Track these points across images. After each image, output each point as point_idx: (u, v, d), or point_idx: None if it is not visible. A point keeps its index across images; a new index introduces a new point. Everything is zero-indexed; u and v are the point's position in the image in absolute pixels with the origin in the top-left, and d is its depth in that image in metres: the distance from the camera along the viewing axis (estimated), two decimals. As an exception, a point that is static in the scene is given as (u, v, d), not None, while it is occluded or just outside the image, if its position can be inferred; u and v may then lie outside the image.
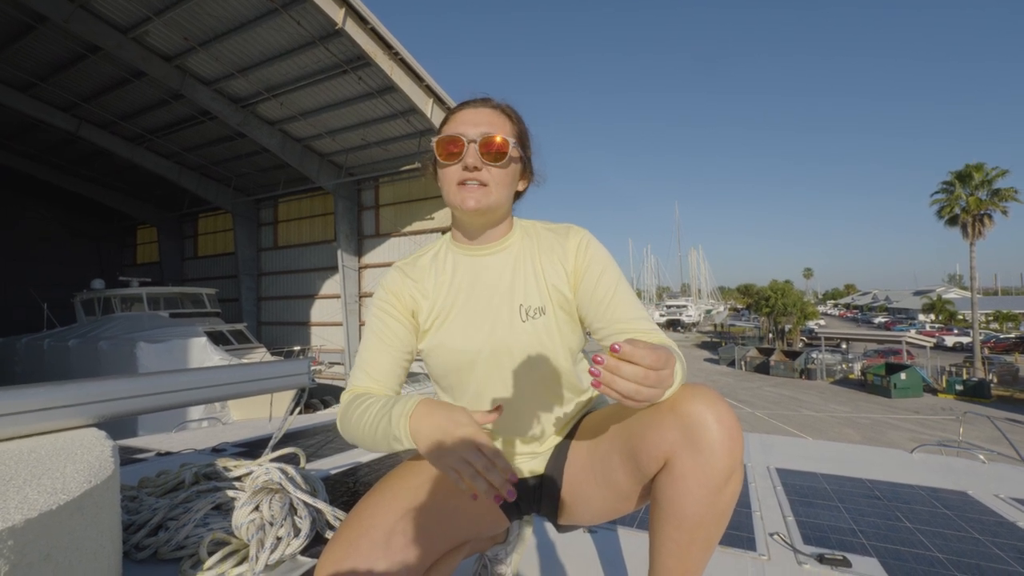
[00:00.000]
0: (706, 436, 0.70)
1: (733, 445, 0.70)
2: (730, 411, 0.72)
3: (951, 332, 41.00)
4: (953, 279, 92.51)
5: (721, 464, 0.70)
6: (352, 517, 0.81)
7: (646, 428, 0.77)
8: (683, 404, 0.72)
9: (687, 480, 0.72)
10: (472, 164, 0.86)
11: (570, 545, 1.46)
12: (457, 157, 0.87)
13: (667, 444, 0.73)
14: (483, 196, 0.87)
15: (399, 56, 11.35)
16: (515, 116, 0.94)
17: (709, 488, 0.71)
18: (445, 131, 0.90)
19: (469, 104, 0.92)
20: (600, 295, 0.90)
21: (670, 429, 0.72)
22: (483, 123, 0.88)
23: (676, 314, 64.44)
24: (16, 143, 18.14)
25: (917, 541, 1.54)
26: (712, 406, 0.71)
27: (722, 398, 0.74)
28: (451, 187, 0.88)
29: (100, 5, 10.84)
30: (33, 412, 1.14)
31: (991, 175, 23.41)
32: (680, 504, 0.74)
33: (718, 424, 0.70)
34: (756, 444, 2.82)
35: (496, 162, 0.87)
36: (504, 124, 0.90)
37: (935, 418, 16.16)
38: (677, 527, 0.75)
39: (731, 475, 0.71)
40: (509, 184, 0.91)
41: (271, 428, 3.15)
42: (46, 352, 13.78)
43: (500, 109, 0.92)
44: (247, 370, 1.71)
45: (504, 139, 0.86)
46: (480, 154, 0.86)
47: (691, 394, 0.73)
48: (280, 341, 19.18)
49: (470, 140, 0.86)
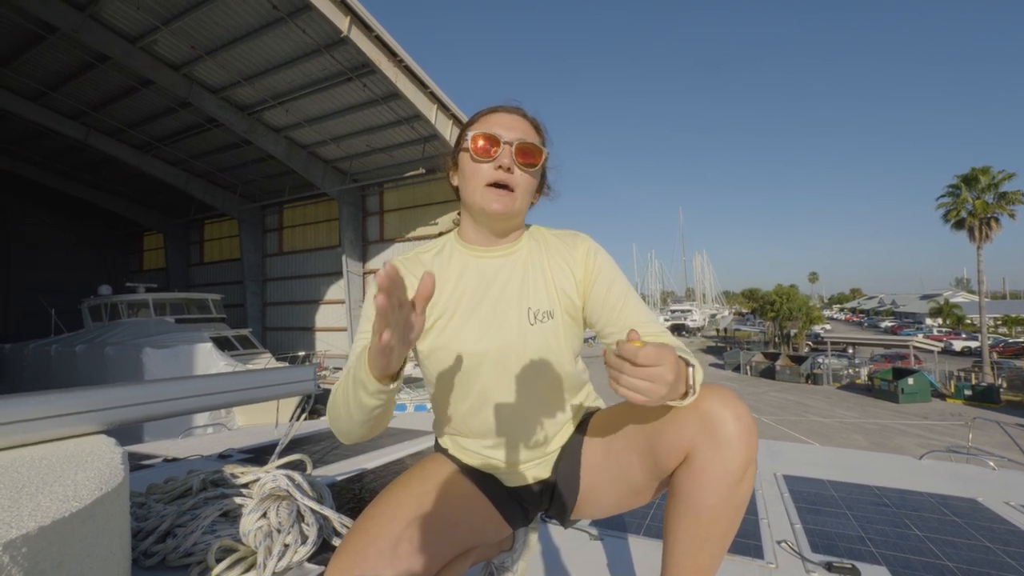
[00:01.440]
0: (725, 430, 0.73)
1: (750, 439, 0.74)
2: (746, 408, 0.76)
3: (959, 336, 40.63)
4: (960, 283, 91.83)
5: (740, 457, 0.74)
6: (358, 526, 0.81)
7: (666, 424, 0.79)
8: (703, 401, 0.76)
9: (707, 472, 0.75)
10: (507, 165, 0.87)
11: (577, 552, 1.46)
12: (491, 156, 0.88)
13: (687, 439, 0.76)
14: (510, 201, 0.89)
15: (403, 63, 11.45)
16: (543, 130, 0.97)
17: (728, 481, 0.74)
18: (480, 128, 0.91)
19: (503, 108, 0.94)
20: (612, 301, 0.91)
21: (690, 424, 0.76)
22: (518, 128, 0.90)
23: (680, 319, 64.21)
24: (24, 151, 18.38)
25: (927, 549, 1.52)
26: (730, 403, 0.75)
27: (738, 396, 0.78)
28: (478, 186, 0.89)
29: (109, 15, 11.01)
30: (44, 419, 1.16)
31: (997, 178, 23.26)
32: (699, 496, 0.76)
33: (736, 419, 0.74)
34: (763, 450, 2.80)
35: (529, 168, 0.89)
36: (535, 134, 0.93)
37: (944, 423, 15.98)
38: (695, 520, 0.78)
39: (747, 469, 0.75)
40: (530, 193, 0.93)
41: (277, 434, 3.16)
42: (54, 358, 13.89)
43: (532, 121, 0.95)
44: (253, 377, 1.72)
45: (539, 147, 0.90)
46: (515, 157, 0.88)
47: (710, 392, 0.76)
48: (285, 346, 19.24)
49: (506, 142, 0.88)
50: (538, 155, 0.90)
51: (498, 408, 0.91)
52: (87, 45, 11.61)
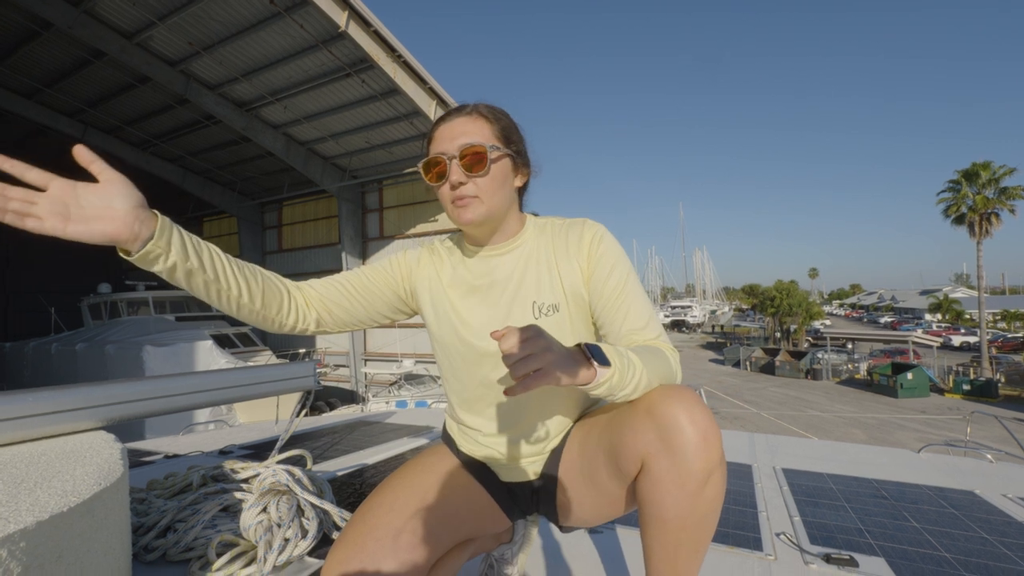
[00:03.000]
0: (679, 438, 0.70)
1: (708, 447, 0.70)
2: (706, 413, 0.72)
3: (958, 332, 40.67)
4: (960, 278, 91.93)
5: (696, 467, 0.70)
6: (357, 517, 0.82)
7: (624, 428, 0.77)
8: (658, 406, 0.72)
9: (664, 482, 0.72)
10: (456, 180, 0.85)
11: (576, 545, 1.46)
12: (442, 176, 0.87)
13: (642, 445, 0.73)
14: (476, 208, 0.87)
15: (402, 58, 11.39)
16: (492, 115, 0.90)
17: (686, 490, 0.71)
18: (428, 152, 0.90)
19: (445, 118, 0.91)
20: (608, 292, 0.89)
21: (646, 431, 0.73)
22: (459, 135, 0.87)
23: (681, 315, 64.21)
24: (21, 149, 18.30)
25: (924, 541, 1.53)
26: (687, 409, 0.71)
27: (699, 400, 0.73)
28: (447, 205, 0.89)
29: (104, 10, 10.93)
30: (43, 415, 1.16)
31: (998, 173, 23.24)
32: (660, 506, 0.74)
33: (692, 426, 0.70)
34: (762, 444, 2.81)
35: (480, 172, 0.85)
36: (481, 128, 0.88)
37: (942, 418, 16.03)
38: (661, 529, 0.75)
39: (709, 477, 0.71)
40: (500, 187, 0.89)
41: (277, 430, 3.16)
42: (54, 356, 13.89)
43: (475, 113, 0.90)
44: (253, 373, 1.72)
45: (481, 146, 0.85)
46: (462, 168, 0.85)
47: (667, 395, 0.73)
48: (285, 344, 19.23)
49: (450, 156, 0.85)
50: (483, 157, 0.85)
51: (499, 401, 0.92)
52: (82, 41, 11.54)
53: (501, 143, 0.89)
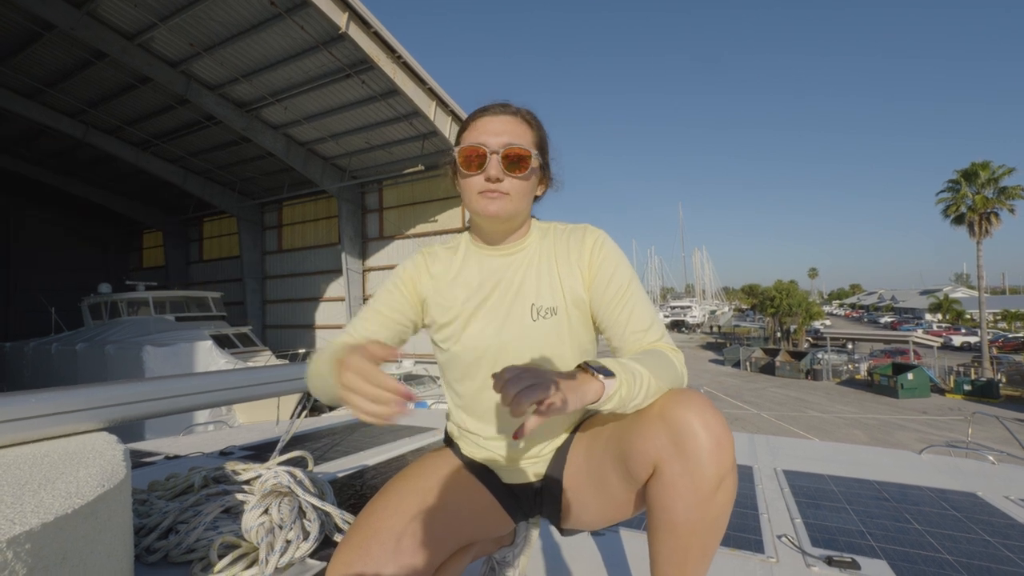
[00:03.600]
0: (692, 443, 0.70)
1: (721, 452, 0.70)
2: (718, 417, 0.71)
3: (959, 332, 40.67)
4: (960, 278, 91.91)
5: (709, 471, 0.70)
6: (360, 520, 0.82)
7: (635, 434, 0.77)
8: (671, 410, 0.72)
9: (676, 487, 0.72)
10: (495, 176, 0.86)
11: (577, 548, 1.46)
12: (479, 167, 0.87)
13: (655, 450, 0.73)
14: (505, 204, 0.88)
15: (402, 59, 11.40)
16: (535, 123, 0.93)
17: (699, 496, 0.71)
18: (466, 140, 0.89)
19: (489, 111, 0.91)
20: (611, 296, 0.90)
21: (658, 435, 0.72)
22: (505, 132, 0.87)
23: (680, 315, 64.18)
24: (23, 149, 18.31)
25: (927, 543, 1.53)
26: (700, 413, 0.71)
27: (711, 404, 0.73)
28: (472, 194, 0.89)
29: (106, 12, 10.94)
30: (46, 417, 1.16)
31: (997, 173, 23.23)
32: (672, 511, 0.73)
33: (705, 431, 0.70)
34: (763, 446, 2.80)
35: (518, 173, 0.87)
36: (525, 132, 0.90)
37: (943, 418, 16.02)
38: (671, 534, 0.75)
39: (721, 482, 0.71)
40: (529, 192, 0.91)
41: (278, 431, 3.16)
42: (54, 356, 13.89)
43: (520, 116, 0.91)
44: (254, 374, 1.72)
45: (527, 151, 0.87)
46: (503, 165, 0.86)
47: (679, 400, 0.73)
48: (285, 344, 19.24)
49: (492, 151, 0.86)
50: (526, 161, 0.86)
51: (499, 404, 0.91)
52: (84, 42, 11.54)
53: (539, 151, 0.91)
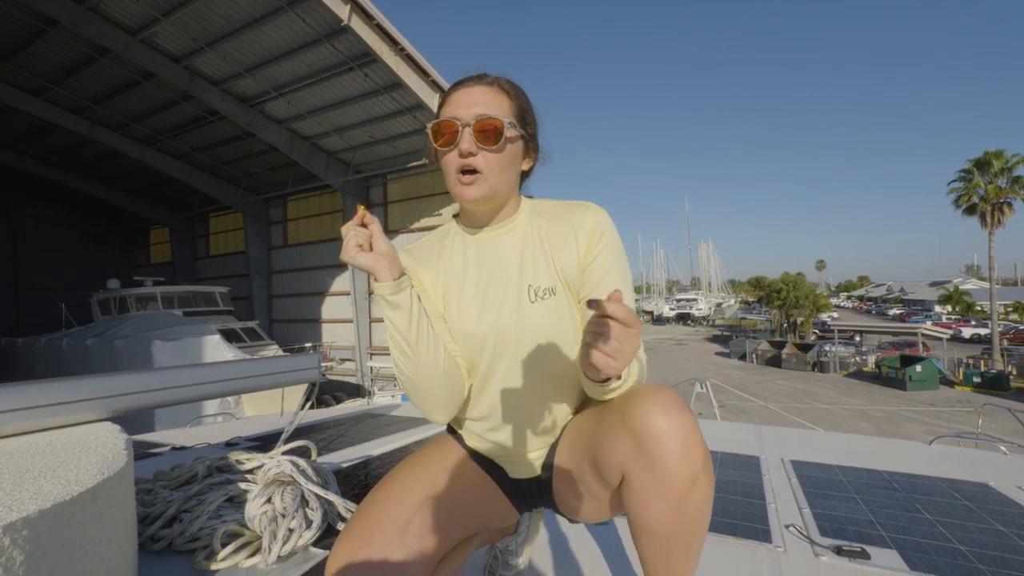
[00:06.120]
0: (657, 448, 0.66)
1: (689, 454, 0.66)
2: (684, 416, 0.67)
3: (968, 323, 40.20)
4: (971, 269, 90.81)
5: (678, 475, 0.66)
6: (363, 509, 0.80)
7: (602, 437, 0.74)
8: (633, 414, 0.68)
9: (646, 494, 0.69)
10: (467, 150, 0.81)
11: (581, 536, 1.45)
12: (452, 143, 0.83)
13: (620, 456, 0.70)
14: (480, 184, 0.83)
15: (405, 52, 11.33)
16: (513, 91, 0.87)
17: (670, 500, 0.68)
18: (441, 114, 0.86)
19: (463, 83, 0.87)
20: (597, 279, 0.86)
21: (622, 441, 0.69)
22: (478, 103, 0.83)
23: (686, 308, 64.05)
24: (29, 147, 18.45)
25: (938, 533, 1.51)
26: (663, 413, 0.67)
27: (676, 401, 0.69)
28: (450, 177, 0.85)
29: (109, 7, 10.95)
30: (49, 407, 1.16)
31: (1011, 162, 22.84)
32: (645, 517, 0.71)
33: (670, 433, 0.66)
34: (770, 436, 2.78)
35: (492, 145, 0.82)
36: (501, 102, 0.85)
37: (952, 410, 15.89)
38: (650, 537, 0.73)
39: (693, 483, 0.67)
40: (508, 167, 0.86)
41: (283, 423, 3.18)
42: (65, 351, 14.08)
43: (497, 85, 0.86)
44: (258, 364, 1.72)
45: (499, 120, 0.81)
46: (475, 138, 0.81)
47: (641, 401, 0.69)
48: (292, 338, 19.37)
49: (464, 124, 0.81)
50: (498, 133, 0.81)
51: (502, 390, 0.89)
52: (88, 38, 11.57)
53: (517, 122, 0.86)
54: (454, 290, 0.91)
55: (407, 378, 0.86)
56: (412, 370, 0.84)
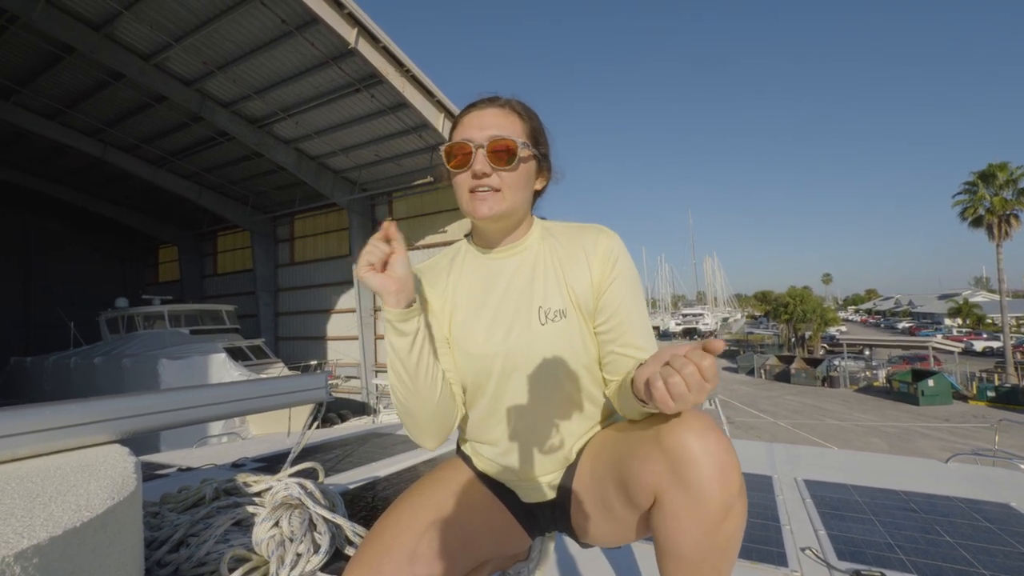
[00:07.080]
0: (693, 472, 0.64)
1: (726, 480, 0.64)
2: (722, 441, 0.66)
3: (980, 337, 39.61)
4: (980, 282, 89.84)
5: (714, 501, 0.64)
6: (373, 536, 0.79)
7: (633, 458, 0.72)
8: (668, 435, 0.67)
9: (679, 518, 0.67)
10: (481, 171, 0.83)
11: (593, 562, 1.42)
12: (466, 164, 0.84)
13: (654, 478, 0.68)
14: (496, 203, 0.84)
15: (410, 73, 11.56)
16: (525, 113, 0.89)
17: (704, 527, 0.66)
18: (453, 137, 0.88)
19: (475, 106, 0.88)
20: (616, 304, 0.86)
21: (656, 462, 0.68)
22: (490, 125, 0.84)
23: (693, 322, 63.51)
24: (44, 167, 18.85)
25: (959, 556, 1.46)
26: (701, 437, 0.65)
27: (713, 426, 0.68)
28: (463, 195, 0.86)
29: (123, 34, 11.28)
30: (59, 429, 1.16)
31: (1015, 174, 22.76)
32: (676, 543, 0.69)
33: (707, 457, 0.64)
34: (782, 455, 2.73)
35: (506, 166, 0.83)
36: (513, 123, 0.86)
37: (967, 426, 15.56)
38: (679, 563, 0.71)
39: (728, 510, 0.66)
40: (523, 186, 0.87)
41: (289, 443, 3.16)
42: (72, 370, 14.15)
43: (508, 107, 0.88)
44: (265, 385, 1.72)
45: (512, 140, 0.83)
46: (489, 159, 0.82)
47: (679, 422, 0.68)
48: (298, 356, 19.37)
49: (477, 145, 0.83)
50: (512, 153, 0.82)
51: (511, 413, 0.88)
52: (103, 64, 11.90)
53: (530, 142, 0.87)
54: (462, 309, 0.91)
55: (400, 402, 0.85)
56: (407, 396, 0.83)
